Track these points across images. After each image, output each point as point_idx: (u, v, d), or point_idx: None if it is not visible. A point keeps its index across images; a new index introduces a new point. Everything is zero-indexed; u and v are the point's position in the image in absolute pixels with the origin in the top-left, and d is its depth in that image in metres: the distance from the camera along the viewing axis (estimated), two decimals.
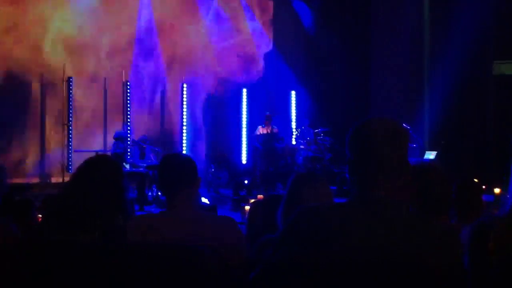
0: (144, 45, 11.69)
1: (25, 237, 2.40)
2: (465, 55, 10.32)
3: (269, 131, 10.87)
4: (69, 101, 10.83)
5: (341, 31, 12.22)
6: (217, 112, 12.52)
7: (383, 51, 11.98)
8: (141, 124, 11.57)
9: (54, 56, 10.74)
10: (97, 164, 2.36)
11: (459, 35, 10.48)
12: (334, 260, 1.45)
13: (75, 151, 10.62)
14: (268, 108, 11.38)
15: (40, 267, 1.93)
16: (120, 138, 9.84)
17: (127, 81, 11.34)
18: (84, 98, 11.20)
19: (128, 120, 11.28)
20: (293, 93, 12.72)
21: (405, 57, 11.64)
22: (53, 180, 10.73)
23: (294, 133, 11.89)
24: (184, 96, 11.79)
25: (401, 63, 11.64)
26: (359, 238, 1.46)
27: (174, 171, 2.39)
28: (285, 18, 12.63)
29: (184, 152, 11.27)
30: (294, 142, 11.51)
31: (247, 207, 5.14)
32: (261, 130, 10.94)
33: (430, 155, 9.97)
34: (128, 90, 11.36)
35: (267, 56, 12.62)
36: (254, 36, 12.70)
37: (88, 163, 2.36)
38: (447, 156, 10.13)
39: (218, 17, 12.32)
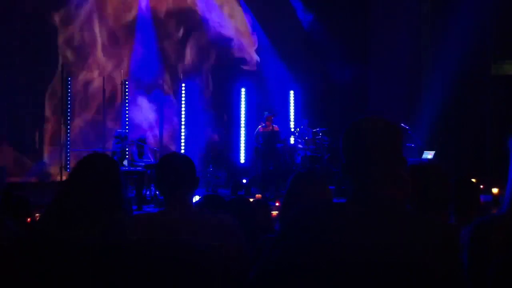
0: (143, 44, 11.67)
1: (23, 235, 2.39)
2: (464, 54, 10.32)
3: (271, 129, 10.68)
4: (67, 99, 10.82)
5: (339, 30, 12.22)
6: (216, 111, 12.51)
7: (382, 50, 11.98)
8: (139, 123, 11.56)
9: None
10: (93, 161, 2.35)
11: (458, 34, 10.49)
12: (332, 260, 1.45)
13: (73, 150, 10.61)
14: (267, 107, 11.36)
15: (39, 266, 1.93)
16: (119, 137, 9.82)
17: (125, 80, 11.33)
18: (83, 97, 11.19)
19: (127, 119, 11.26)
20: (291, 92, 12.73)
21: (403, 56, 11.64)
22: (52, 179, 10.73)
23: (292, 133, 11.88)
24: (183, 95, 11.78)
25: (400, 61, 11.64)
26: (357, 238, 1.45)
27: (173, 171, 2.38)
28: (283, 16, 12.62)
29: (182, 151, 11.26)
30: (292, 142, 11.50)
31: None
32: (261, 130, 10.80)
33: (428, 155, 9.96)
34: (127, 89, 11.34)
35: (265, 55, 12.61)
36: (252, 33, 12.69)
37: (83, 160, 2.36)
38: (445, 156, 10.14)
39: (215, 15, 12.30)
